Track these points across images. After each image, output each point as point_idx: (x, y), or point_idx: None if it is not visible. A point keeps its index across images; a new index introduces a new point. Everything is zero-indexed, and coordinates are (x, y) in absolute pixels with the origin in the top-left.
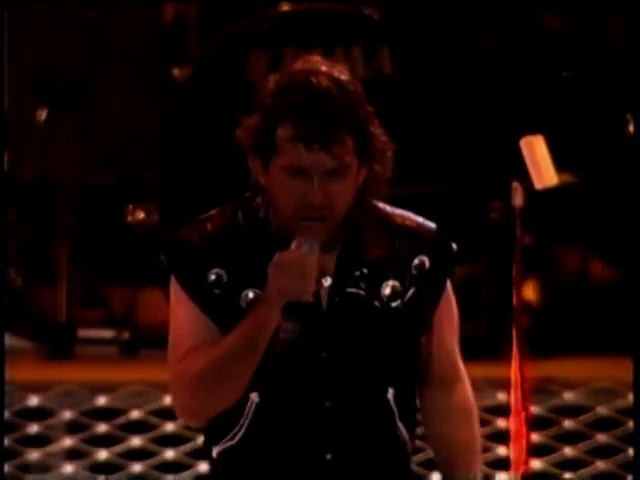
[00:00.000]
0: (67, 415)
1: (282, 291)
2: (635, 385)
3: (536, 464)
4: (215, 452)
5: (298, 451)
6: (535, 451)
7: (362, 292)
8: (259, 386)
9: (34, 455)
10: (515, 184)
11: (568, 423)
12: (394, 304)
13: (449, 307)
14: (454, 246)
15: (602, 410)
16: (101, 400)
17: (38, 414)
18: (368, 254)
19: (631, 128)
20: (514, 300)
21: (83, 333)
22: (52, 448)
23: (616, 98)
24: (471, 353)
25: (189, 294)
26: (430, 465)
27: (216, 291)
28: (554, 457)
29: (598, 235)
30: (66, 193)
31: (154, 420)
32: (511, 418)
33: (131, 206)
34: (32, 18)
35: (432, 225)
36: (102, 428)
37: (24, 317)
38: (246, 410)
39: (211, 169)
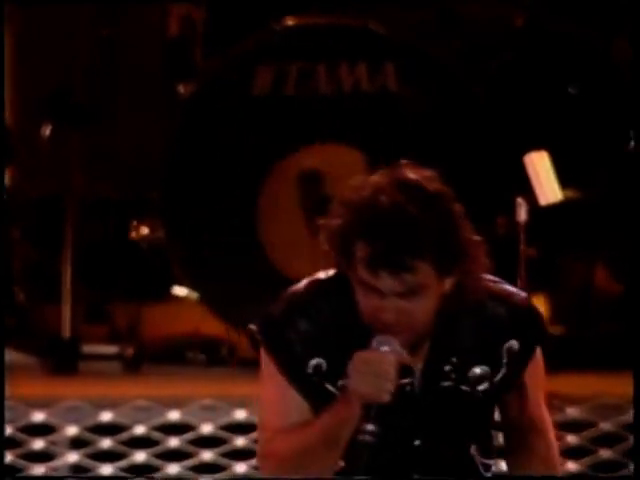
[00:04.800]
0: (71, 431)
1: (358, 392)
2: (635, 398)
3: None
4: None
5: None
6: None
7: (452, 383)
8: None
9: (38, 471)
10: (519, 200)
11: (571, 438)
12: (482, 387)
13: (537, 367)
14: (543, 321)
15: (605, 426)
16: (105, 416)
17: (42, 430)
18: (458, 344)
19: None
20: None
21: (87, 349)
22: (56, 464)
23: (621, 114)
24: None
25: (287, 378)
26: None
27: (314, 379)
28: None
29: (603, 250)
30: (71, 209)
31: (158, 435)
32: None
33: (135, 222)
34: (41, 35)
35: (523, 302)
36: (106, 443)
37: (28, 333)
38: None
39: (216, 185)
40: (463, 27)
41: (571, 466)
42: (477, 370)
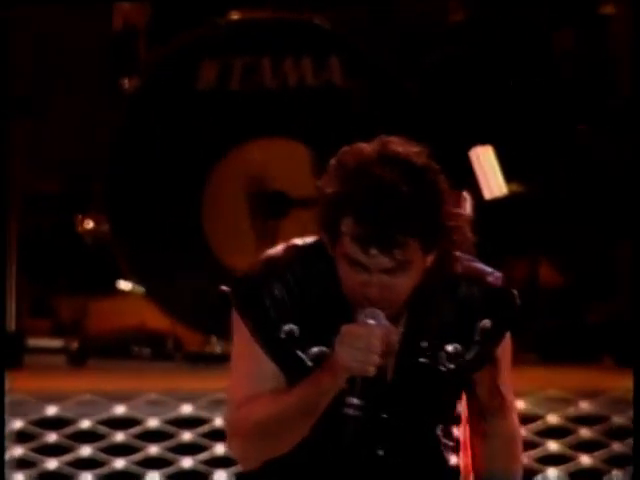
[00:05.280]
0: (16, 424)
1: (345, 365)
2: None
3: None
4: None
5: None
6: None
7: (427, 359)
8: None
9: None
10: (465, 194)
11: None
12: (454, 365)
13: (506, 348)
14: (517, 301)
15: (552, 418)
16: (50, 409)
17: None
18: (434, 321)
19: (583, 138)
20: None
21: (32, 342)
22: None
23: (565, 108)
24: None
25: (259, 343)
26: None
27: (286, 345)
28: None
29: (547, 244)
30: (14, 202)
31: (103, 430)
32: (461, 427)
33: (80, 216)
34: None
35: (498, 282)
36: (51, 437)
37: None
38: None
39: (161, 179)
40: (400, 22)
41: None
42: (450, 348)
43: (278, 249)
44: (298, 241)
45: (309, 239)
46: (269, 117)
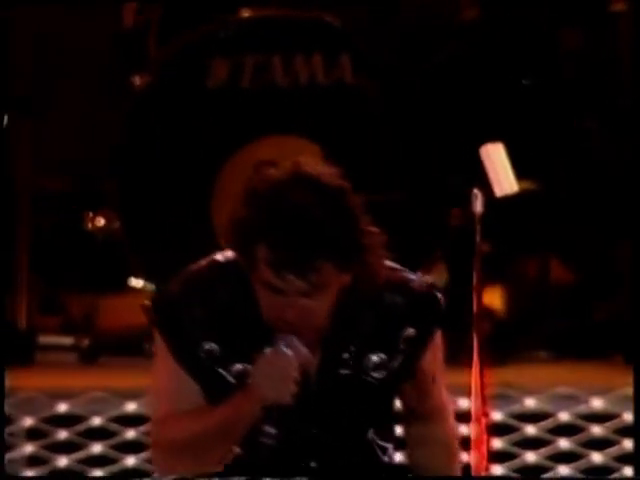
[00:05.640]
0: (27, 422)
1: (260, 394)
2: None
3: (497, 470)
4: None
5: None
6: (496, 457)
7: (350, 371)
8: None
9: None
10: (475, 191)
11: (529, 429)
12: (380, 374)
13: (436, 353)
14: (441, 304)
15: (563, 416)
16: (61, 407)
17: None
18: (356, 332)
19: (583, 138)
20: (474, 307)
21: (43, 340)
22: (12, 455)
23: (575, 106)
24: None
25: (178, 361)
26: None
27: (206, 363)
28: (515, 463)
29: (558, 242)
30: (24, 200)
31: (115, 427)
32: (471, 424)
33: (91, 213)
34: None
35: (421, 288)
36: (62, 435)
37: None
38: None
39: (172, 176)
40: (406, 22)
41: (529, 457)
42: (374, 357)
43: (199, 265)
44: (219, 257)
45: (230, 254)
46: (280, 115)
